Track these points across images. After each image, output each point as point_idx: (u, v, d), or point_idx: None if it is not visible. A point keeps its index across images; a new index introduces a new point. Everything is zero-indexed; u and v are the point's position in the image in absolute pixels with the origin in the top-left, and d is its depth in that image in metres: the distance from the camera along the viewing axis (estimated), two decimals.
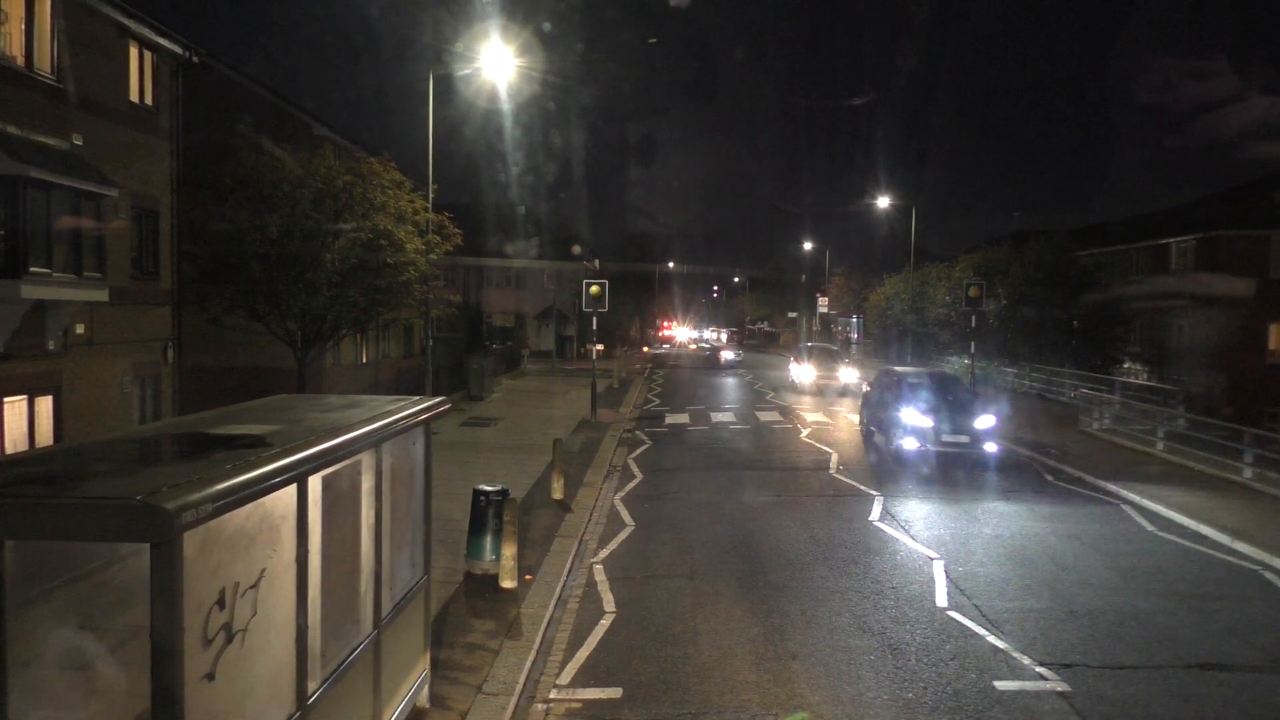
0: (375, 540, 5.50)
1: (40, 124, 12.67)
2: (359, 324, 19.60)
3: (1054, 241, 34.42)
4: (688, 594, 9.63)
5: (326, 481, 4.76)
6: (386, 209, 18.09)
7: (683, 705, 6.96)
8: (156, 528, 3.16)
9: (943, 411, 17.30)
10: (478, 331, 42.54)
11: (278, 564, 4.14)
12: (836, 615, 9.00)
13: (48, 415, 13.26)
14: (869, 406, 20.85)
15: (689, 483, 15.73)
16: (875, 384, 20.95)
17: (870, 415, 20.56)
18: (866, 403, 21.26)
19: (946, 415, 17.21)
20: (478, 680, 7.26)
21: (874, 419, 20.06)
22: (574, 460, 16.83)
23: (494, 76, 20.94)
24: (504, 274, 54.47)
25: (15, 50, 12.38)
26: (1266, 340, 33.22)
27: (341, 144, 23.42)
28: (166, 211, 16.38)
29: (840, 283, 60.88)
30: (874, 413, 20.11)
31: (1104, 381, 26.30)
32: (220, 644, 3.61)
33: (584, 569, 10.53)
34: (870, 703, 7.06)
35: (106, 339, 14.43)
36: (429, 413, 6.39)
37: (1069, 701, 7.12)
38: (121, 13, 14.40)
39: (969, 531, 12.42)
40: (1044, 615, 9.10)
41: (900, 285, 43.92)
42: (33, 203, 11.92)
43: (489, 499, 9.85)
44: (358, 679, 5.19)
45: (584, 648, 8.11)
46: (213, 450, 4.23)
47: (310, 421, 5.27)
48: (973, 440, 17.00)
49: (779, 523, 12.81)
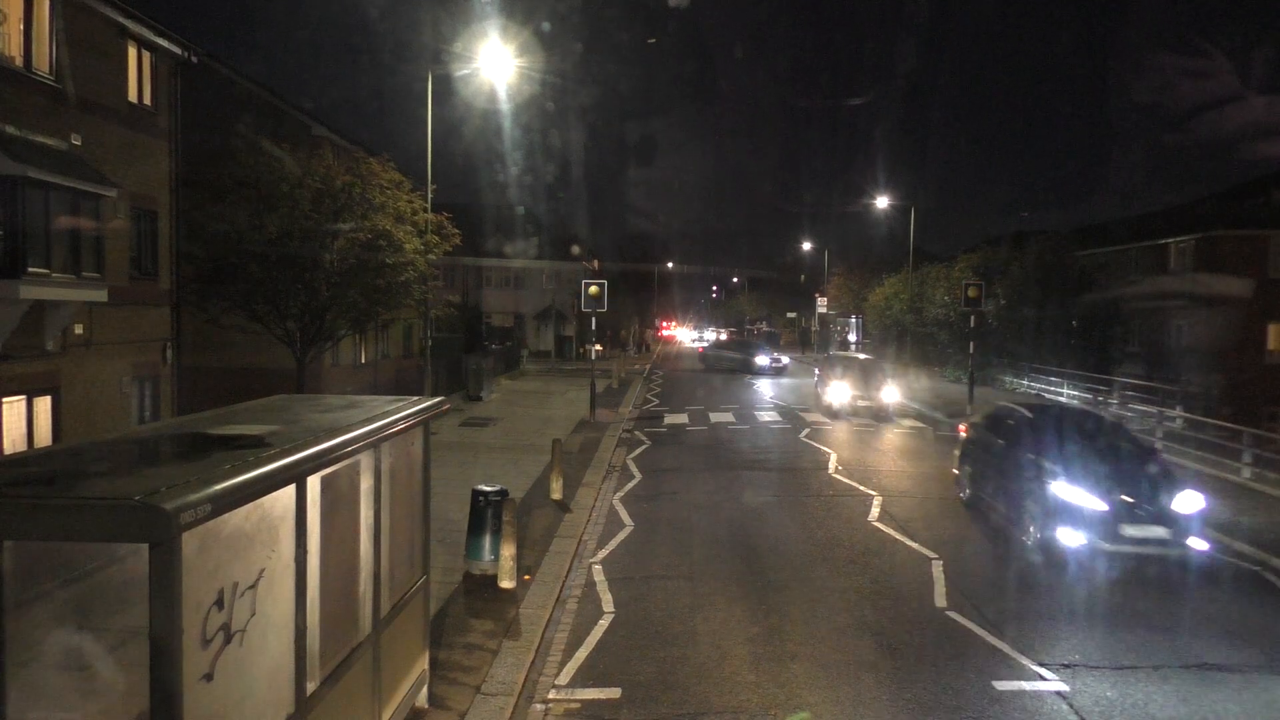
0: (374, 540, 5.50)
1: (39, 124, 12.66)
2: (358, 324, 19.60)
3: (1053, 241, 34.46)
4: (686, 594, 9.64)
5: (325, 482, 4.76)
6: (385, 209, 18.09)
7: (682, 706, 6.96)
8: (155, 528, 3.16)
9: (1119, 483, 10.95)
10: (476, 332, 42.53)
11: (276, 564, 4.14)
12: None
13: (46, 415, 13.25)
14: (975, 461, 13.82)
15: (687, 482, 15.73)
16: (988, 428, 13.91)
17: (980, 476, 13.53)
18: (970, 455, 14.08)
19: (1127, 489, 10.86)
20: (476, 680, 7.26)
21: (989, 484, 13.09)
22: (573, 460, 16.83)
23: (493, 76, 20.96)
24: (503, 274, 54.49)
25: (14, 50, 12.37)
26: (1265, 340, 33.24)
27: (340, 144, 23.41)
28: (165, 212, 16.37)
29: (839, 283, 60.87)
30: (988, 474, 13.21)
31: (1103, 381, 26.32)
32: (219, 644, 3.61)
33: (583, 569, 10.53)
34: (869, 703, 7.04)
35: (105, 339, 14.42)
36: (428, 413, 6.39)
37: (1068, 701, 7.12)
38: (120, 13, 14.39)
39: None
40: (1042, 615, 9.10)
41: (899, 285, 43.94)
42: (31, 203, 11.92)
43: (488, 499, 9.85)
44: (356, 679, 5.19)
45: (583, 648, 8.11)
46: (211, 451, 4.23)
47: (309, 422, 5.27)
48: (1174, 532, 10.58)
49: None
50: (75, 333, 13.67)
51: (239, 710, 3.81)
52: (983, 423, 14.27)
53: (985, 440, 13.65)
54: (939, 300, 37.70)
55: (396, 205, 18.49)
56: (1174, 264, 35.60)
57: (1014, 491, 12.01)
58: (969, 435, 14.51)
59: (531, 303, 54.92)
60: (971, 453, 14.03)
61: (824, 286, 64.91)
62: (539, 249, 52.81)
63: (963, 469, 14.24)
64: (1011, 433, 12.84)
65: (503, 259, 52.49)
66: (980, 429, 14.14)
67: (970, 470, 13.87)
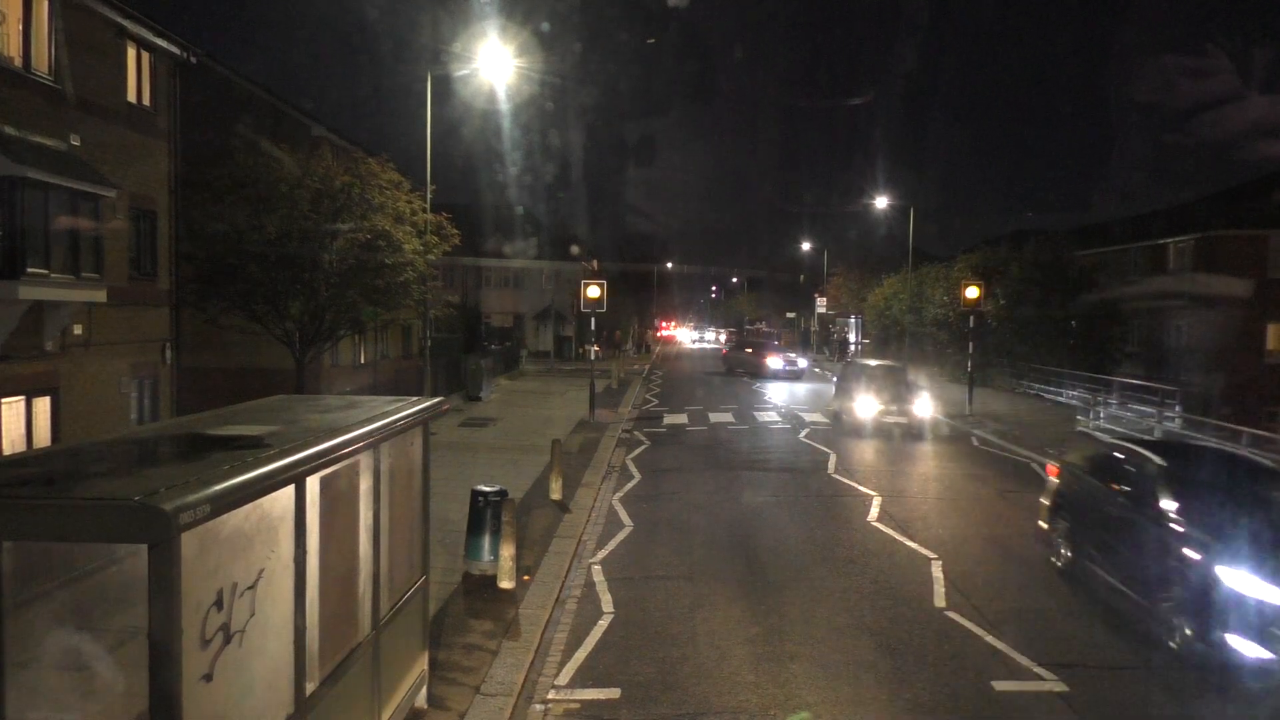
0: (373, 541, 5.50)
1: (38, 124, 12.66)
2: (357, 325, 19.59)
3: (1052, 241, 34.49)
4: (686, 594, 9.63)
5: (324, 482, 4.76)
6: (385, 209, 18.08)
7: (681, 706, 6.96)
8: (154, 529, 3.16)
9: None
10: (476, 332, 42.54)
11: (276, 565, 4.14)
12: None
13: (45, 416, 13.24)
14: (1076, 516, 10.37)
15: (687, 482, 15.73)
16: (1093, 472, 10.45)
17: (1084, 537, 10.01)
18: (1068, 507, 10.60)
19: None
20: (476, 681, 7.25)
21: (1101, 550, 9.57)
22: (572, 461, 16.83)
23: (492, 77, 20.95)
24: (502, 274, 54.50)
25: (13, 51, 12.37)
26: (1264, 340, 33.26)
27: (339, 144, 23.41)
28: (164, 212, 16.37)
29: (839, 283, 60.89)
30: (1099, 536, 9.71)
31: (1102, 381, 26.33)
32: (218, 645, 3.61)
33: (582, 569, 10.53)
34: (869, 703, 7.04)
35: (104, 340, 14.41)
36: (427, 413, 6.39)
37: (1067, 702, 7.12)
38: (119, 13, 14.39)
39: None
40: (1041, 615, 9.10)
41: (899, 285, 43.98)
42: (30, 203, 11.91)
43: (487, 499, 9.85)
44: (356, 680, 5.19)
45: (582, 648, 8.11)
46: (211, 451, 4.23)
47: (308, 422, 5.27)
48: None
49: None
50: (74, 333, 13.66)
51: (238, 710, 3.81)
52: (1083, 465, 10.76)
53: (1090, 490, 10.26)
54: (938, 300, 37.73)
55: (396, 205, 18.49)
56: (1174, 264, 35.62)
57: (1146, 570, 8.59)
58: (1063, 480, 10.96)
59: (531, 303, 54.93)
60: (1069, 504, 10.58)
61: (823, 287, 64.96)
62: (538, 249, 52.81)
63: (1055, 524, 10.73)
64: (1135, 483, 9.40)
65: (502, 259, 52.50)
66: (1080, 473, 10.67)
67: (1069, 528, 10.35)
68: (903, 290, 42.61)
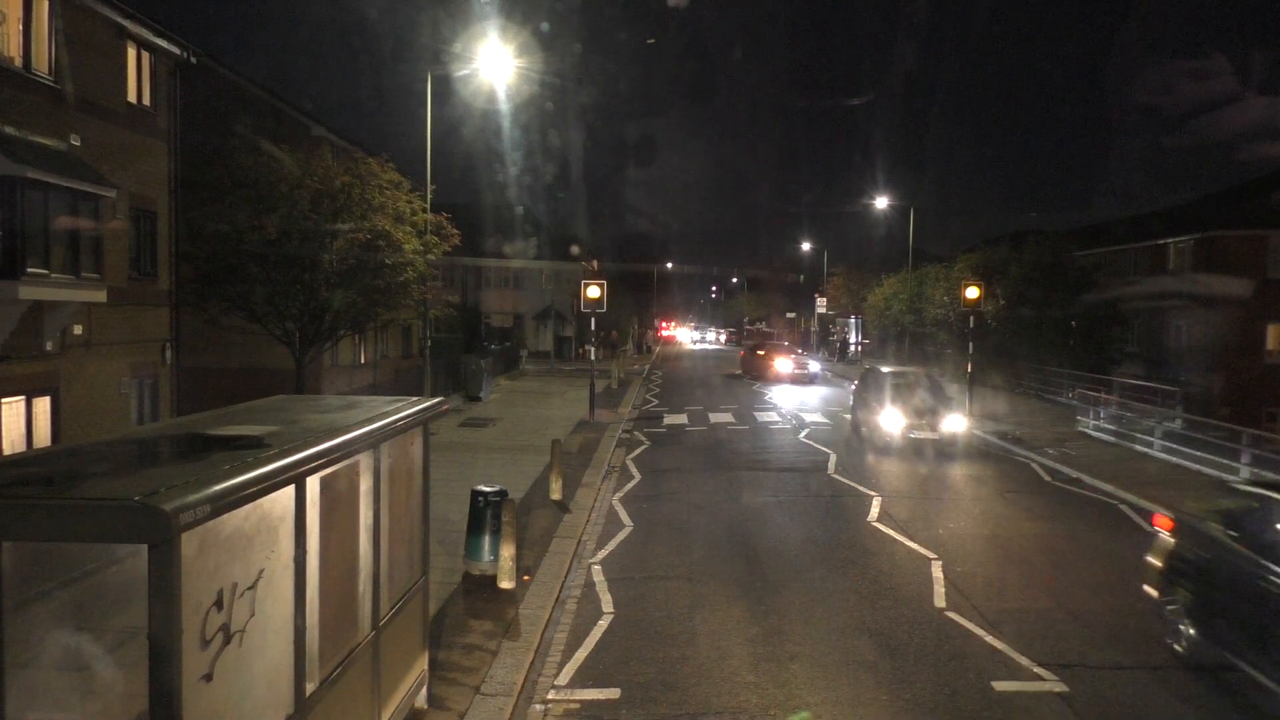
0: (373, 541, 5.50)
1: (38, 124, 12.66)
2: (357, 325, 19.59)
3: (1052, 242, 34.43)
4: (686, 594, 9.63)
5: (324, 482, 4.76)
6: (384, 209, 18.08)
7: (681, 706, 6.96)
8: (154, 529, 3.16)
9: None
10: (476, 332, 42.56)
11: (275, 565, 4.14)
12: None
13: (45, 416, 13.24)
14: (1200, 588, 8.03)
15: (687, 482, 15.73)
16: (1229, 534, 7.85)
17: (1214, 615, 7.76)
18: (1188, 575, 8.20)
19: None
20: (476, 681, 7.25)
21: (1239, 635, 7.37)
22: (572, 461, 16.83)
23: (492, 77, 20.97)
24: (502, 274, 54.49)
25: (13, 51, 12.37)
26: (1264, 340, 33.25)
27: (339, 144, 23.42)
28: (164, 212, 16.37)
29: (838, 283, 60.87)
30: (1238, 616, 7.43)
31: (1102, 382, 26.32)
32: (218, 645, 3.61)
33: (582, 569, 10.53)
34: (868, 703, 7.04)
35: (104, 339, 14.41)
36: (427, 413, 6.39)
37: (1067, 702, 7.12)
38: (119, 13, 14.39)
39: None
40: (1041, 615, 9.10)
41: (899, 285, 43.96)
42: (30, 203, 11.91)
43: (487, 499, 9.85)
44: (356, 680, 5.19)
45: (582, 648, 8.11)
46: (211, 451, 4.23)
47: (308, 422, 5.27)
48: None
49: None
50: (74, 333, 13.66)
51: (238, 710, 3.81)
52: (1220, 522, 8.09)
53: (1232, 558, 7.68)
54: (938, 300, 37.71)
55: (396, 205, 18.49)
56: (1173, 264, 35.61)
57: None
58: (1181, 539, 8.47)
59: (531, 303, 54.92)
60: (1194, 572, 8.15)
61: (823, 287, 64.95)
62: (538, 249, 52.84)
63: (1170, 593, 8.38)
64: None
65: (502, 259, 52.50)
66: (1212, 533, 8.05)
67: (1191, 602, 8.04)
68: (903, 290, 42.59)
